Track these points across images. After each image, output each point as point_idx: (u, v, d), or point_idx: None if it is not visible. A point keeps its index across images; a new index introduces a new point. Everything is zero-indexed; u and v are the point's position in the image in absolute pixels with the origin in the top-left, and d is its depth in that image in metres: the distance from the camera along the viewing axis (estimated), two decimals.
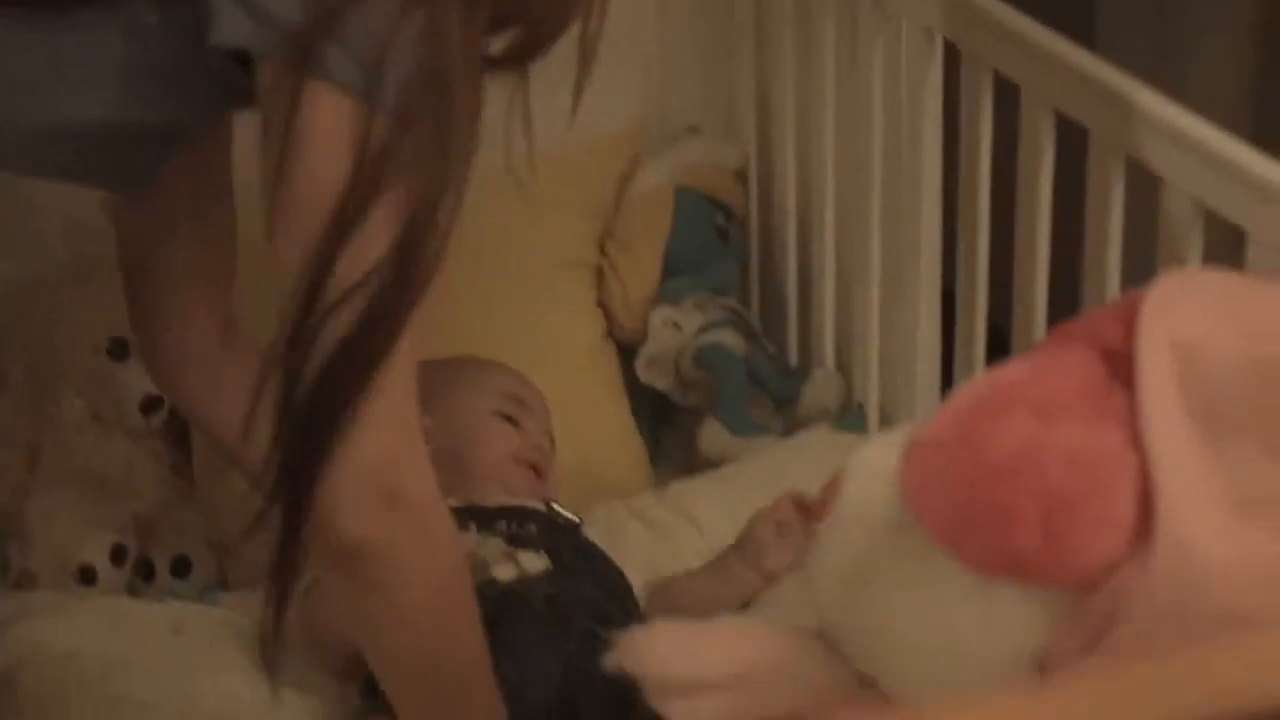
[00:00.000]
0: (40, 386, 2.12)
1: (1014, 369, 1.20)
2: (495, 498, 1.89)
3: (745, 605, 1.87)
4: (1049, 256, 1.81)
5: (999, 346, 1.90)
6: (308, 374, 1.39)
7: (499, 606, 1.68)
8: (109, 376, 2.08)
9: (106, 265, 1.86)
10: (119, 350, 2.07)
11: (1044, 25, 1.76)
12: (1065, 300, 1.75)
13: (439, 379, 1.96)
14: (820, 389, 2.22)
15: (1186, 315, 1.20)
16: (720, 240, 2.33)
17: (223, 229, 1.73)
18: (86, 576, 2.01)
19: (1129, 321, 1.20)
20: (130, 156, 1.57)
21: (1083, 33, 2.05)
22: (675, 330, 2.24)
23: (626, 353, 2.30)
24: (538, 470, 1.97)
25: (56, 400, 2.10)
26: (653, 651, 1.30)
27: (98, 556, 2.01)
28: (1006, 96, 1.81)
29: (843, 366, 2.25)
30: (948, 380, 2.05)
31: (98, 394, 2.10)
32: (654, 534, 2.05)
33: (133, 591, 2.03)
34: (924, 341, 2.10)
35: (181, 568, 2.07)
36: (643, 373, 2.25)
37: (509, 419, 1.97)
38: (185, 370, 1.83)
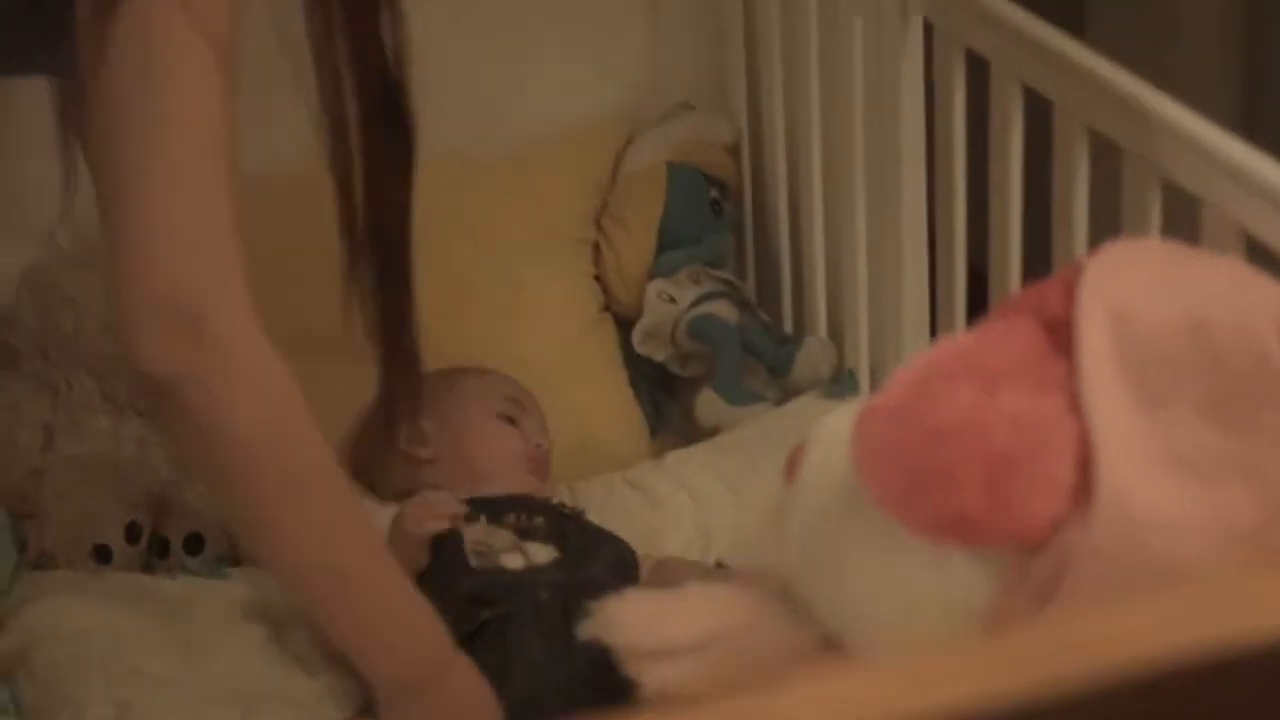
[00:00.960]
0: (52, 368, 2.17)
1: (960, 340, 1.26)
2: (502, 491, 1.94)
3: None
4: (1023, 224, 1.86)
5: (983, 306, 1.94)
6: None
7: (507, 595, 1.75)
8: (119, 357, 2.13)
9: None
10: None
11: (1033, 12, 1.79)
12: (1040, 266, 1.80)
13: (438, 386, 2.02)
14: (813, 357, 2.26)
15: (1125, 283, 1.25)
16: (714, 213, 2.37)
17: None
18: (102, 555, 2.05)
19: (1070, 291, 1.25)
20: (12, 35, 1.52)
21: (1072, 19, 2.10)
22: (670, 303, 2.28)
23: (625, 325, 2.34)
24: (539, 468, 2.02)
25: (69, 381, 2.15)
26: (625, 620, 1.34)
27: (112, 535, 2.06)
28: (984, 72, 1.85)
29: (835, 334, 2.30)
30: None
31: (109, 374, 2.14)
32: (649, 504, 2.10)
33: (147, 568, 2.08)
34: (911, 309, 2.14)
35: (194, 544, 2.11)
36: (639, 345, 2.30)
37: (509, 420, 2.03)
38: None
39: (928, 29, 1.96)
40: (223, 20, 1.36)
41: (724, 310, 2.28)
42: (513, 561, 1.81)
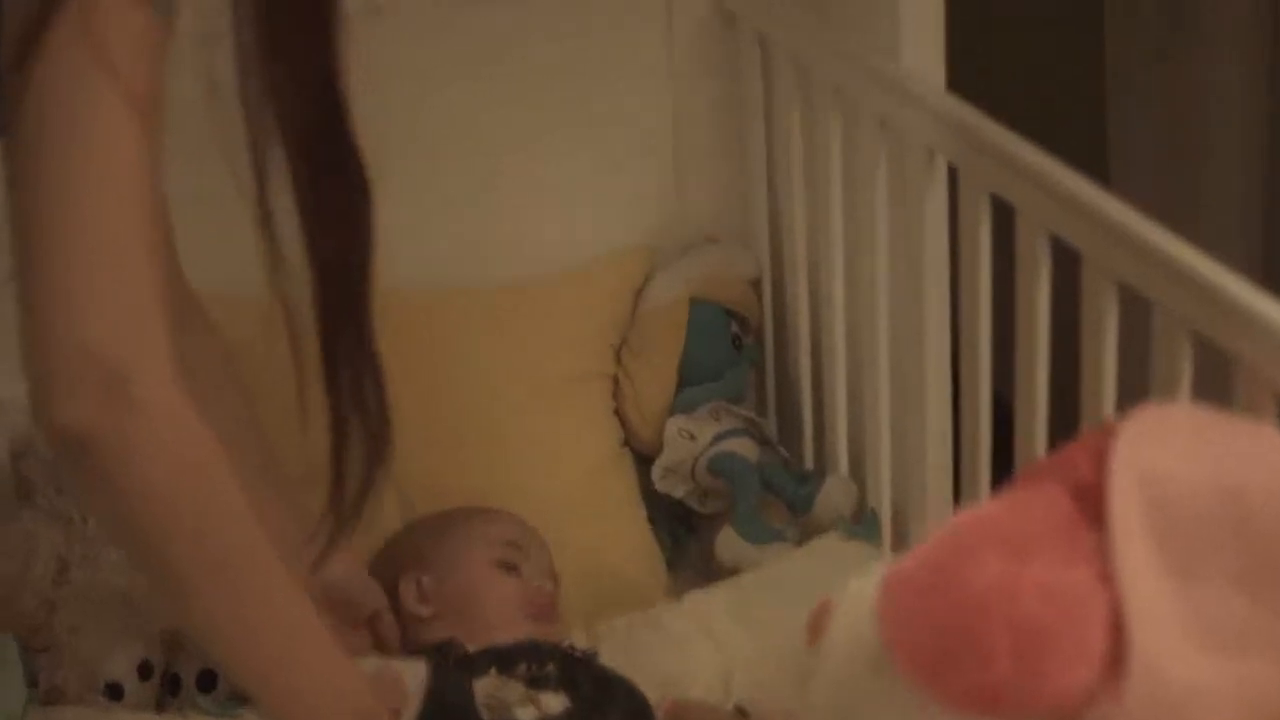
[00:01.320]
0: (66, 500, 2.15)
1: (987, 508, 1.24)
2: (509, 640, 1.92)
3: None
4: (1050, 369, 1.84)
5: (1008, 448, 1.93)
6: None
7: None
8: None
9: None
10: None
11: (1054, 152, 1.79)
12: (1067, 412, 1.78)
13: (435, 535, 2.01)
14: (833, 496, 2.24)
15: (1156, 451, 1.23)
16: (734, 348, 2.36)
17: None
18: (113, 692, 2.03)
19: (1100, 457, 1.24)
20: None
21: (1096, 160, 2.09)
22: (690, 440, 2.27)
23: (643, 459, 2.33)
24: (543, 613, 2.00)
25: (82, 514, 2.14)
26: None
27: (124, 672, 2.03)
28: (1009, 216, 1.84)
29: (856, 472, 2.28)
30: (959, 486, 2.08)
31: None
32: (670, 647, 2.07)
33: (159, 706, 2.06)
34: (934, 449, 2.12)
35: (207, 682, 2.09)
36: (659, 482, 2.28)
37: (509, 566, 2.00)
38: None
39: (953, 172, 1.95)
40: (143, 77, 1.34)
41: (744, 447, 2.26)
42: (526, 714, 1.78)
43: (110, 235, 1.32)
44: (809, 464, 2.37)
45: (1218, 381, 1.53)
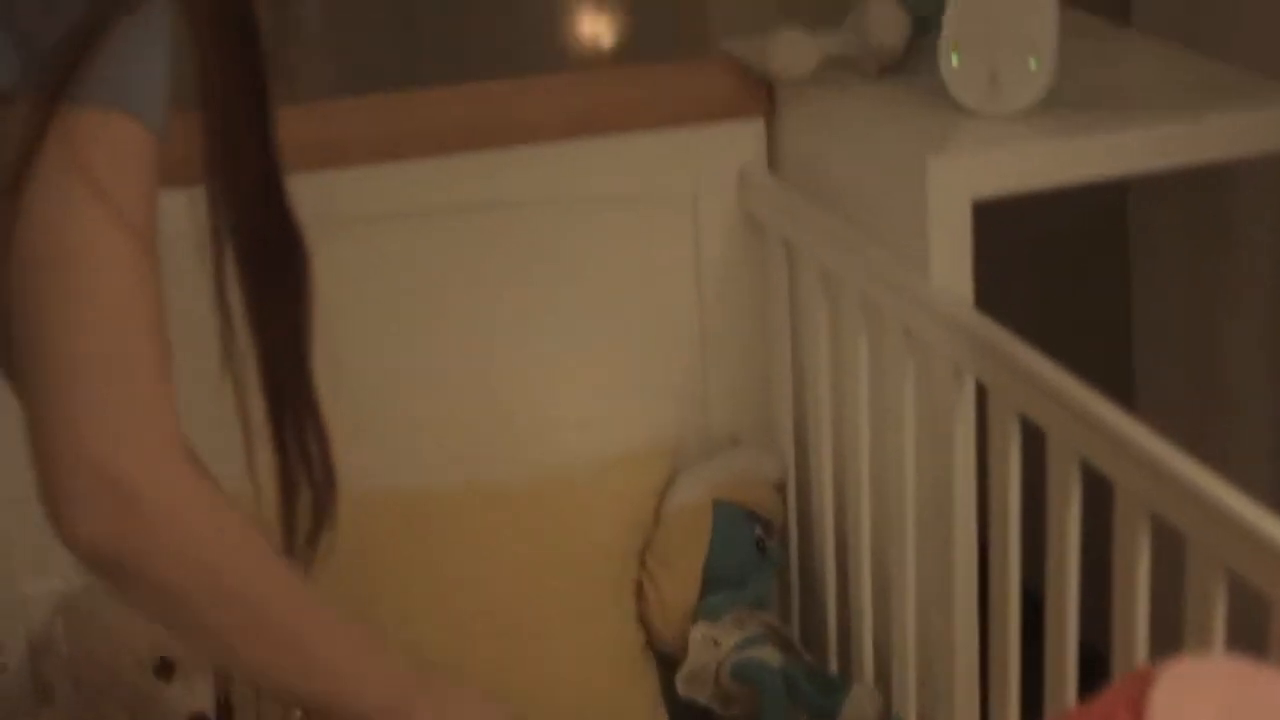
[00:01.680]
0: (86, 702, 2.14)
1: None
2: None
3: None
4: (1079, 595, 1.82)
5: (1037, 662, 1.91)
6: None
7: None
8: (155, 695, 2.10)
9: None
10: (165, 669, 2.10)
11: (1079, 370, 1.79)
12: (1098, 620, 1.76)
13: None
14: (859, 705, 2.22)
15: (1194, 704, 1.21)
16: (758, 553, 2.35)
17: None
18: None
19: (1136, 708, 1.22)
20: None
21: (1121, 377, 2.08)
22: (714, 647, 2.25)
23: (666, 661, 2.31)
24: None
25: (102, 715, 2.13)
26: None
27: None
28: (1039, 439, 1.83)
29: (882, 678, 2.26)
30: (986, 696, 2.06)
31: (144, 711, 2.11)
32: None
33: None
34: (961, 657, 2.10)
35: None
36: (683, 689, 2.26)
37: None
38: None
39: (983, 389, 1.94)
40: (134, 194, 1.34)
41: (768, 654, 2.25)
42: None
43: (111, 351, 1.33)
44: (833, 667, 2.35)
45: (1255, 625, 1.52)
